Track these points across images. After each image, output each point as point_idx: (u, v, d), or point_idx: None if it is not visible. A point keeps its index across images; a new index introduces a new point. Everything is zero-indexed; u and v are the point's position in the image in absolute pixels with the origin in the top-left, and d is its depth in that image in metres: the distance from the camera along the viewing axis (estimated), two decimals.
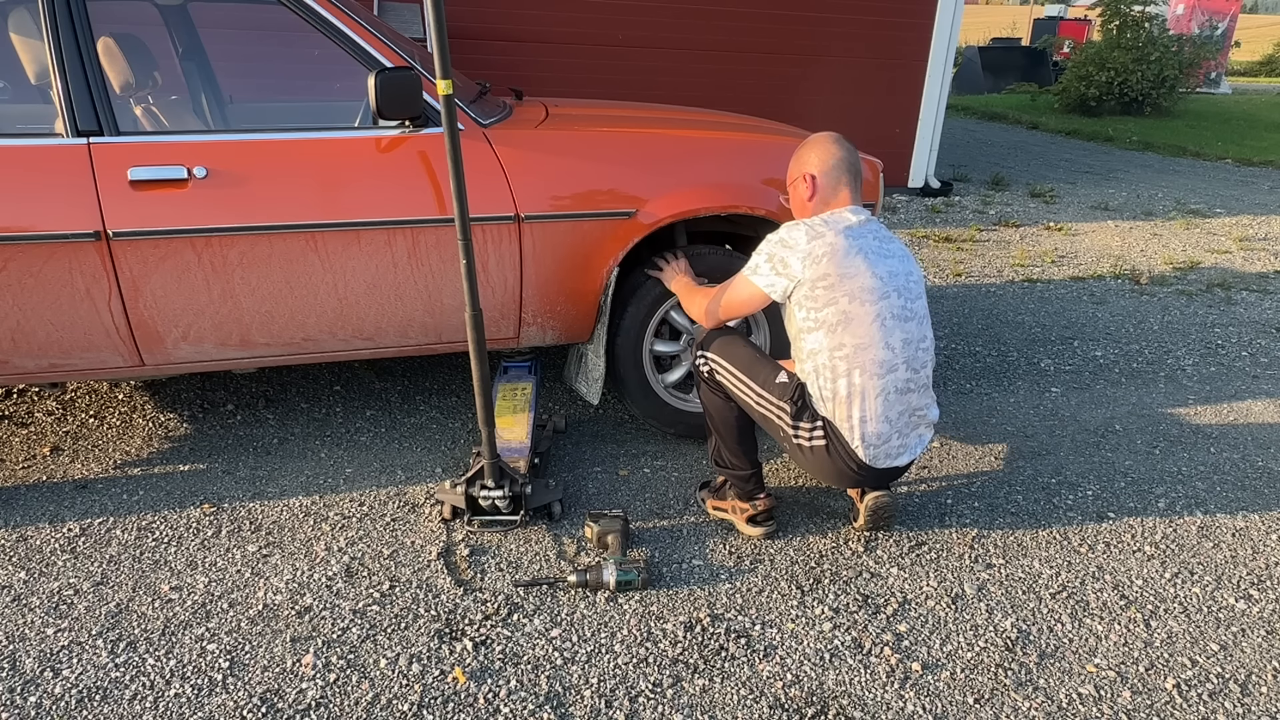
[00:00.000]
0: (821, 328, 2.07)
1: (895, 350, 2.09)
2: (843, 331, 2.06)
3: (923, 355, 2.15)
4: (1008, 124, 12.29)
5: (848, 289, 2.05)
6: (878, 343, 2.07)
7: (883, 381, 2.09)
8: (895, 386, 2.10)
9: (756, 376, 2.21)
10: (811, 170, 2.17)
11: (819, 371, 2.11)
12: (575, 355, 2.84)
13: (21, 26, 2.30)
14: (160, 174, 2.19)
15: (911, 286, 2.14)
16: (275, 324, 2.40)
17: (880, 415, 2.10)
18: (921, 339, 2.15)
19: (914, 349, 2.13)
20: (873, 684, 1.89)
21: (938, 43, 6.66)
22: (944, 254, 5.34)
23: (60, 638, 1.94)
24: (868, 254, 2.07)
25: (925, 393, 2.19)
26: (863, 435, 2.11)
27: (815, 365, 2.11)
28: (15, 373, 2.31)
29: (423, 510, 2.47)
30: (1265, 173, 8.76)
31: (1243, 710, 1.85)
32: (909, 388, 2.13)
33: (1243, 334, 4.11)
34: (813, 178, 2.16)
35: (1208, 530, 2.50)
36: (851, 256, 2.05)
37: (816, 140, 2.20)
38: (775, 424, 2.20)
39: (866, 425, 2.10)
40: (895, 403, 2.11)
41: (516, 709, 1.79)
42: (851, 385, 2.08)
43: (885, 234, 2.16)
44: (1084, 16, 18.33)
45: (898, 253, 2.14)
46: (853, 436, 2.11)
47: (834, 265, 2.04)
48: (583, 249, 2.51)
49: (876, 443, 2.12)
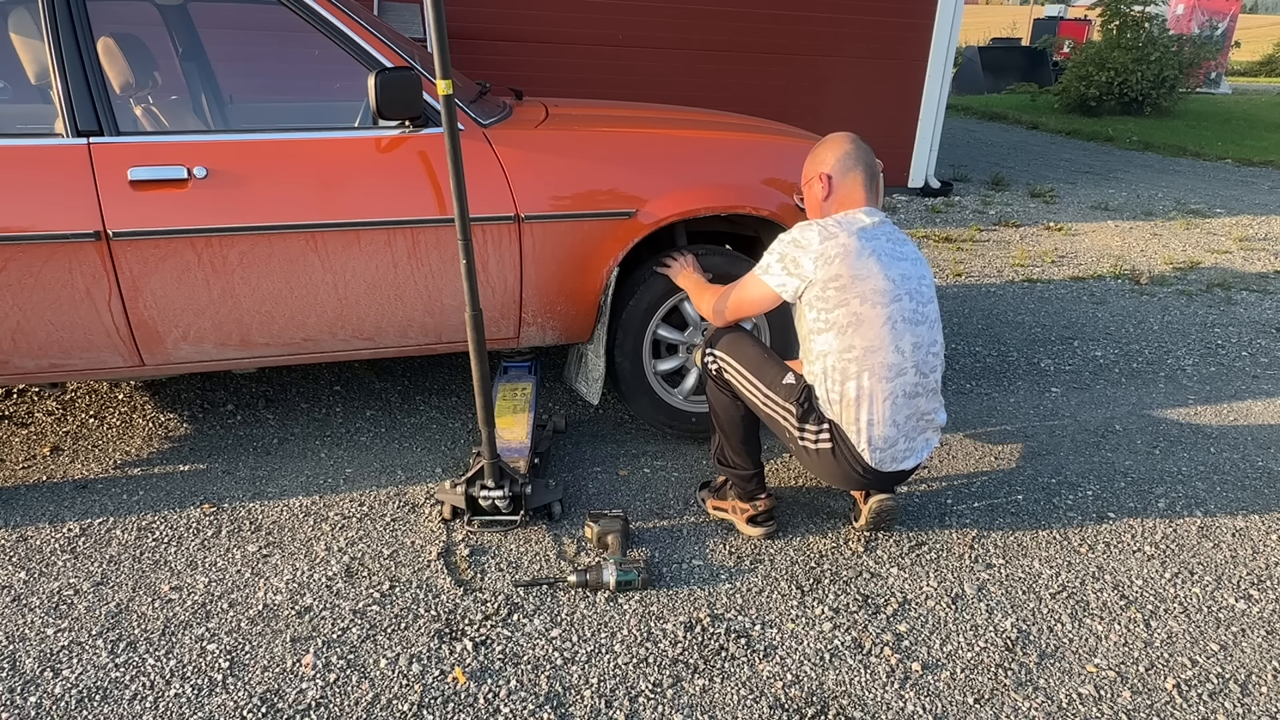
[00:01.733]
0: (832, 329, 2.07)
1: (905, 354, 2.08)
2: (853, 333, 2.05)
3: (932, 360, 2.15)
4: (1008, 124, 12.29)
5: (859, 290, 2.04)
6: (888, 346, 2.06)
7: (892, 385, 2.08)
8: (904, 390, 2.10)
9: (764, 376, 2.21)
10: (827, 170, 2.15)
11: (828, 373, 2.10)
12: (575, 355, 2.84)
13: (21, 26, 2.30)
14: (160, 174, 2.19)
15: (924, 290, 2.13)
16: (275, 324, 2.40)
17: (888, 419, 2.10)
18: (932, 343, 2.14)
19: (924, 353, 2.12)
20: (873, 684, 1.89)
21: (938, 43, 6.66)
22: (944, 254, 5.34)
23: (60, 638, 1.94)
24: (881, 256, 2.06)
25: (934, 397, 2.18)
26: (870, 439, 2.10)
27: (824, 367, 2.10)
28: (15, 373, 2.31)
29: (423, 510, 2.47)
30: (1265, 173, 8.76)
31: (1243, 710, 1.85)
32: (918, 392, 2.13)
33: (1243, 334, 4.11)
34: (828, 178, 2.15)
35: (1208, 530, 2.50)
36: (864, 258, 2.04)
37: (833, 140, 2.18)
38: (781, 425, 2.20)
39: (874, 429, 2.10)
40: (903, 406, 2.11)
41: (516, 709, 1.79)
42: (860, 388, 2.07)
43: (899, 236, 2.15)
44: (1084, 16, 18.33)
45: (911, 256, 2.13)
46: (859, 440, 2.11)
47: (846, 266, 2.03)
48: (583, 249, 2.51)
49: (883, 446, 2.12)
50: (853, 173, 2.13)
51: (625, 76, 6.15)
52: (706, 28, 6.17)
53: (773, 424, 2.23)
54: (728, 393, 2.29)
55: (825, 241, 2.04)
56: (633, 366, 2.68)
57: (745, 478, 2.34)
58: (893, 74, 6.71)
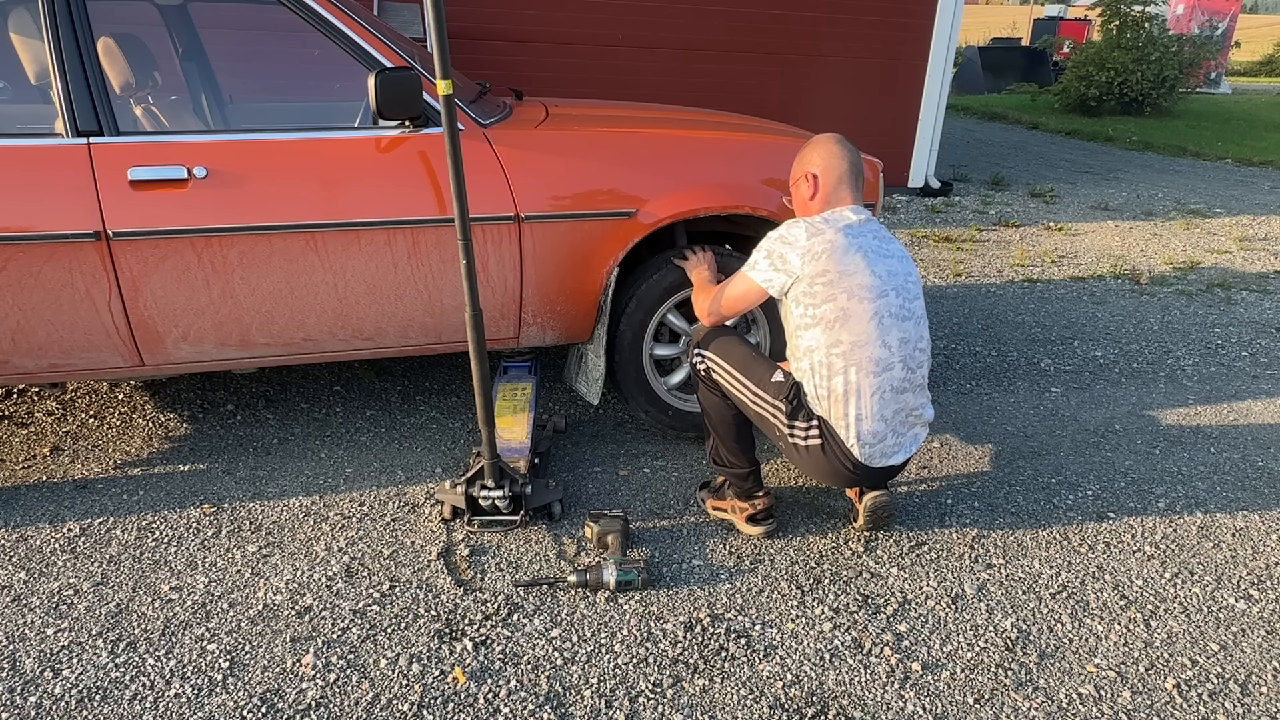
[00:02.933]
0: (819, 324, 2.08)
1: (892, 349, 2.10)
2: (840, 328, 2.07)
3: (919, 355, 2.16)
4: (1008, 124, 12.29)
5: (846, 286, 2.06)
6: (874, 340, 2.08)
7: (879, 379, 2.09)
8: (891, 385, 2.11)
9: (752, 375, 2.22)
10: (814, 170, 2.18)
11: (815, 369, 2.12)
12: (575, 355, 2.84)
13: (21, 26, 2.30)
14: (160, 174, 2.19)
15: (910, 287, 2.15)
16: (275, 324, 2.40)
17: (876, 413, 2.11)
18: (919, 339, 2.16)
19: (911, 348, 2.14)
20: (873, 684, 1.89)
21: (938, 43, 6.66)
22: (944, 254, 5.34)
23: (60, 638, 1.94)
24: (867, 252, 2.08)
25: (921, 392, 2.20)
26: (858, 433, 2.12)
27: (811, 363, 2.12)
28: (15, 373, 2.31)
29: (423, 510, 2.47)
30: (1265, 173, 8.76)
31: (1243, 710, 1.85)
32: (905, 387, 2.14)
33: (1243, 334, 4.11)
34: (815, 177, 2.18)
35: (1208, 530, 2.50)
36: (851, 254, 2.06)
37: (820, 141, 2.22)
38: (771, 423, 2.21)
39: (862, 423, 2.11)
40: (891, 401, 2.12)
41: (516, 709, 1.79)
42: (848, 382, 2.09)
43: (885, 234, 2.17)
44: (1084, 16, 18.33)
45: (897, 253, 2.15)
46: (848, 435, 2.12)
47: (833, 262, 2.05)
48: (583, 249, 2.51)
49: (872, 441, 2.13)
50: (838, 172, 2.17)
51: (625, 76, 6.15)
52: (706, 28, 6.17)
53: (762, 423, 2.24)
54: (718, 393, 2.30)
55: (812, 238, 2.07)
56: (635, 371, 2.69)
57: (742, 476, 2.35)
58: (893, 74, 6.71)
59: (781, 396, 2.17)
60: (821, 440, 2.15)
